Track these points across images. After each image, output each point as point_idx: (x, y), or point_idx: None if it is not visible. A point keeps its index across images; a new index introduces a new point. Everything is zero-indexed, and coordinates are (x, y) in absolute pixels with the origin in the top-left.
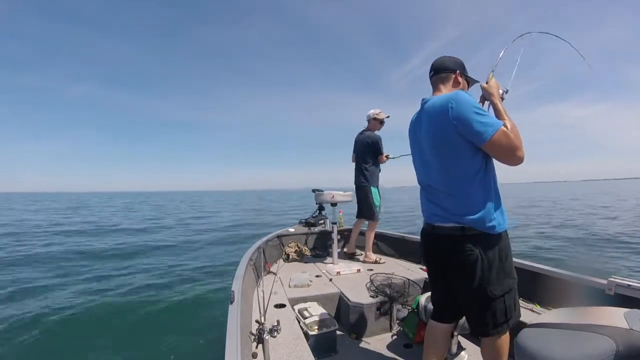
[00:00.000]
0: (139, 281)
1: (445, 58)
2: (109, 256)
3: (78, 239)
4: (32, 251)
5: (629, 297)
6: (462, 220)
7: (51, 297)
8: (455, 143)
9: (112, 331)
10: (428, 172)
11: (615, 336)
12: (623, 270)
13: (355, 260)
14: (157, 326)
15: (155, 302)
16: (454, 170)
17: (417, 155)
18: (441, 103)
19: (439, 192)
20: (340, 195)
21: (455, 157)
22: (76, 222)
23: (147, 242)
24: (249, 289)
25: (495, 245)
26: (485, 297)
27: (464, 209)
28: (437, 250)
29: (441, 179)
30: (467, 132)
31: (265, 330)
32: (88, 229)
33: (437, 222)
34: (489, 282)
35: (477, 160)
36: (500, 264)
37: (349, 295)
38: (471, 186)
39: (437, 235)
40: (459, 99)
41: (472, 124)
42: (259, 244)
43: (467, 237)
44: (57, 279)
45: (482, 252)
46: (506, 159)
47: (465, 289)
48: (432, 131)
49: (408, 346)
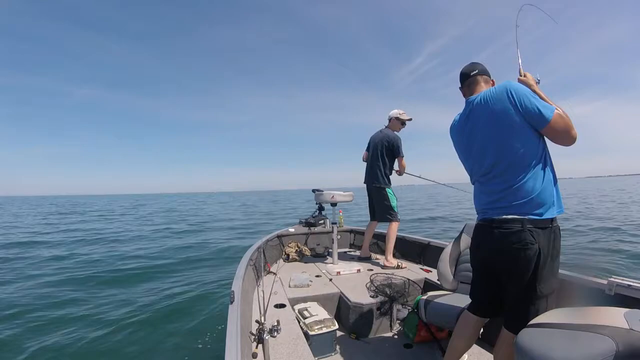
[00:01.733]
0: (139, 282)
1: (476, 64)
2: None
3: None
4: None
5: (629, 297)
6: (523, 210)
7: (53, 298)
8: (518, 128)
9: (112, 331)
10: (485, 165)
11: (615, 336)
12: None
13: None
14: (157, 326)
15: (155, 302)
16: (515, 158)
17: (470, 152)
18: (500, 91)
19: (498, 183)
20: (340, 195)
21: (518, 143)
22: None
23: (149, 243)
24: (249, 289)
25: (551, 240)
26: (534, 294)
27: (524, 198)
28: (493, 244)
29: (501, 169)
30: (530, 116)
31: (265, 330)
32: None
33: (495, 215)
34: (541, 279)
35: (539, 147)
36: (552, 262)
37: (349, 295)
38: (533, 175)
39: (495, 228)
40: (517, 86)
41: (533, 107)
42: (259, 244)
43: (528, 230)
44: (57, 278)
45: (540, 247)
46: (563, 139)
47: (516, 284)
48: (495, 120)
49: (408, 346)
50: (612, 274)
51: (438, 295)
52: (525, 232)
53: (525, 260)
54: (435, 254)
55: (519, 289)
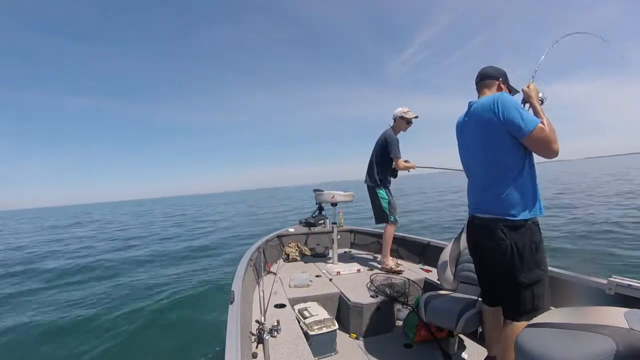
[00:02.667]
0: (139, 282)
1: (490, 67)
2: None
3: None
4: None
5: (629, 297)
6: (496, 211)
7: (55, 298)
8: (500, 137)
9: (113, 332)
10: (474, 167)
11: (615, 336)
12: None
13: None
14: (157, 326)
15: (155, 302)
16: (495, 164)
17: (465, 153)
18: (488, 102)
19: (480, 185)
20: (340, 195)
21: (499, 151)
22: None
23: (148, 245)
24: (249, 289)
25: (525, 236)
26: (516, 285)
27: (499, 201)
28: (476, 240)
29: (483, 173)
30: (511, 127)
31: (265, 330)
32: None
33: (477, 213)
34: (521, 269)
35: (518, 155)
36: (531, 254)
37: (349, 295)
38: (512, 181)
39: (476, 225)
40: (504, 99)
41: (515, 119)
42: (259, 244)
43: (499, 228)
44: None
45: (514, 242)
46: (543, 151)
47: (498, 276)
48: (481, 127)
49: (408, 346)
50: (612, 274)
51: (438, 295)
52: (497, 230)
53: (499, 254)
54: (435, 254)
55: (504, 279)
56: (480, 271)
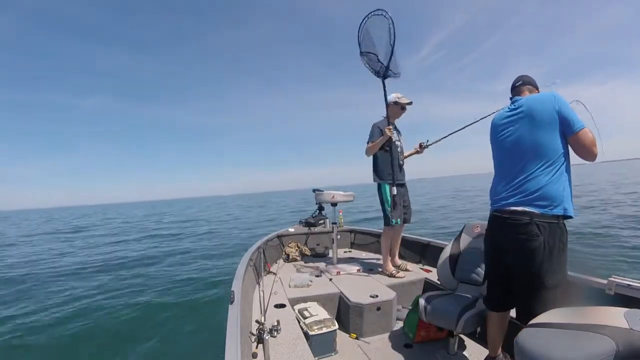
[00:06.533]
0: (139, 283)
1: (524, 76)
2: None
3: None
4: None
5: (629, 297)
6: (533, 204)
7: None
8: (551, 130)
9: (114, 332)
10: (513, 157)
11: (615, 336)
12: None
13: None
14: (157, 326)
15: (155, 302)
16: (541, 156)
17: (504, 146)
18: (547, 96)
19: (518, 178)
20: (341, 196)
21: (548, 144)
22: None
23: (149, 246)
24: (249, 289)
25: (556, 235)
26: (539, 287)
27: (538, 193)
28: (503, 236)
29: (525, 162)
30: (563, 122)
31: (265, 330)
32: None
33: (508, 207)
34: (547, 271)
35: (562, 152)
36: (558, 255)
37: (349, 295)
38: (550, 174)
39: (505, 219)
40: (559, 96)
41: (569, 115)
42: (259, 244)
43: (535, 223)
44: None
45: (546, 240)
46: (585, 152)
47: (524, 274)
48: (534, 119)
49: (408, 346)
50: (612, 274)
51: (438, 295)
52: (532, 225)
53: (529, 251)
54: (435, 254)
55: (526, 279)
56: (496, 272)
